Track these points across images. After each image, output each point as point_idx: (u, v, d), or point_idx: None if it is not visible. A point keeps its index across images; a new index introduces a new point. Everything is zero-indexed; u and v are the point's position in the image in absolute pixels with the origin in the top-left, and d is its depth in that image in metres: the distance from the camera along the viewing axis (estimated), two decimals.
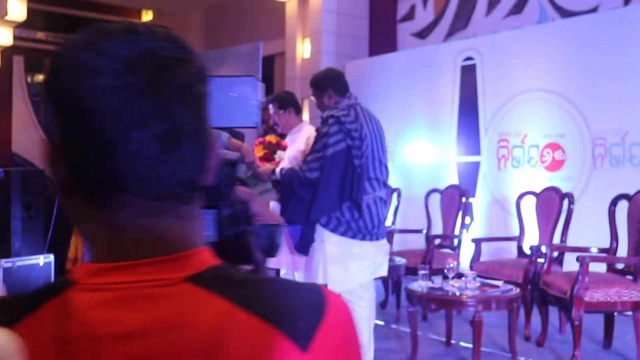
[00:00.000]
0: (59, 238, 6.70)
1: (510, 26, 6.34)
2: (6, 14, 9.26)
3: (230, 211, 0.95)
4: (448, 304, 3.79)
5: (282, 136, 4.66)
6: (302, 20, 8.20)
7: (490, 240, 5.49)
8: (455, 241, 5.30)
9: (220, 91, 1.06)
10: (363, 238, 3.26)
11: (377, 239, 3.30)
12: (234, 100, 1.08)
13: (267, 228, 0.97)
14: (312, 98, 3.69)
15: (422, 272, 4.02)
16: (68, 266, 6.78)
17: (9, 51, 10.45)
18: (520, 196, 5.14)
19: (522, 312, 4.43)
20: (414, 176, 6.56)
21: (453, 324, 4.29)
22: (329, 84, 3.50)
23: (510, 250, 5.31)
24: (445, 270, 3.98)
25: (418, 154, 6.59)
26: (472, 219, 6.05)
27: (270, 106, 4.39)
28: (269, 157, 4.28)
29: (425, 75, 6.65)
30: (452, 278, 3.96)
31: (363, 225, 3.26)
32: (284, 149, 4.33)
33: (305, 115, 8.11)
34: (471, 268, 4.73)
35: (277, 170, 4.14)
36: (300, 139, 4.32)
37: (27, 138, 11.14)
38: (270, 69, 9.74)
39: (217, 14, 11.03)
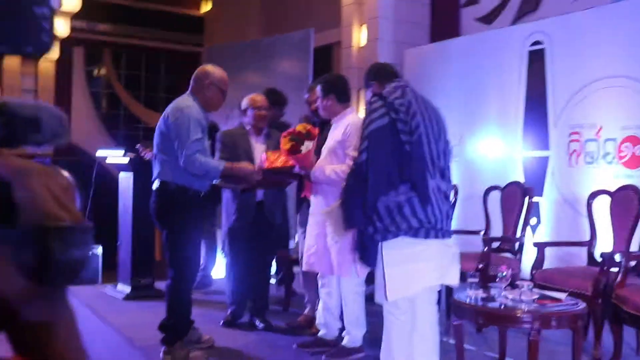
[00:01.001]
0: (106, 229, 6.41)
1: (583, 6, 5.67)
2: (61, 5, 9.16)
3: None
4: (498, 319, 3.24)
5: (324, 123, 4.22)
6: (359, 7, 7.73)
7: (555, 244, 4.87)
8: (517, 245, 4.72)
9: None
10: (427, 235, 2.82)
11: (443, 237, 2.86)
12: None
13: (41, 231, 0.53)
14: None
15: (471, 280, 3.48)
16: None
17: (68, 42, 10.38)
18: (593, 195, 4.52)
19: (591, 328, 3.84)
20: (475, 172, 5.97)
21: (511, 338, 3.74)
22: (372, 76, 3.34)
23: (580, 257, 4.68)
24: (497, 280, 3.43)
25: (480, 148, 6.00)
26: (538, 221, 5.44)
27: (317, 88, 4.02)
28: (296, 149, 3.83)
29: (489, 62, 6.05)
30: (506, 288, 3.42)
31: (425, 219, 2.81)
32: (313, 138, 3.88)
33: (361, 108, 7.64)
34: (532, 276, 4.16)
35: (329, 171, 3.72)
36: (339, 128, 3.88)
37: (86, 129, 11.08)
38: (328, 59, 9.32)
39: (276, 2, 10.68)
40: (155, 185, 3.76)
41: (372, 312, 3.89)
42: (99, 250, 7.78)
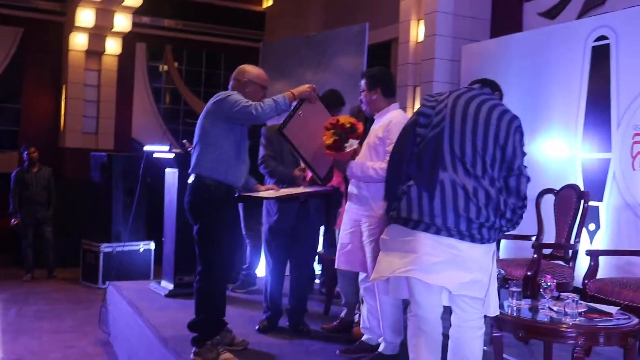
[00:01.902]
0: (160, 225, 6.44)
1: None
2: (123, 0, 9.29)
3: None
4: (539, 332, 3.01)
5: (368, 120, 4.06)
6: (418, 1, 7.52)
7: (610, 253, 4.57)
8: (570, 252, 4.44)
9: None
10: (415, 227, 2.70)
11: (439, 233, 2.67)
12: None
13: None
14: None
15: (513, 289, 3.28)
16: None
17: (131, 38, 10.56)
18: None
19: None
20: (532, 173, 5.68)
21: (558, 351, 3.51)
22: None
23: None
24: (542, 290, 3.21)
25: (538, 148, 5.72)
26: (597, 227, 5.13)
27: (362, 82, 3.83)
28: (338, 146, 3.67)
29: (551, 59, 5.75)
30: (551, 299, 3.19)
31: (417, 211, 2.71)
32: (358, 136, 3.71)
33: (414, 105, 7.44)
34: (584, 287, 3.90)
35: (367, 167, 3.58)
36: (381, 124, 3.71)
37: (147, 124, 11.25)
38: (386, 56, 9.17)
39: None
40: (191, 179, 3.74)
41: None
42: (151, 245, 7.89)
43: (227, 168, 3.68)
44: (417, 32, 7.51)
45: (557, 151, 5.57)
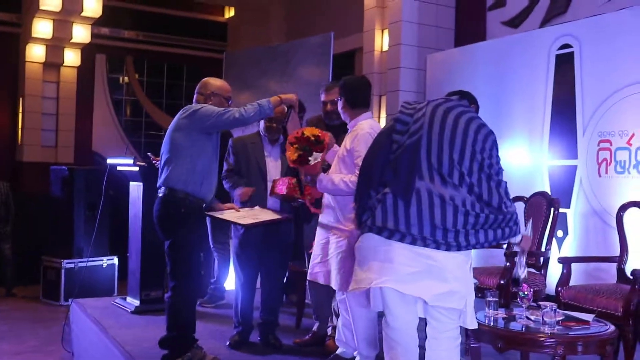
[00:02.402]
0: (123, 239, 6.29)
1: (615, 7, 5.38)
2: (82, 11, 9.08)
3: None
4: (518, 342, 2.98)
5: (339, 127, 4.00)
6: (382, 11, 7.53)
7: (582, 260, 4.58)
8: (542, 260, 4.44)
9: None
10: (390, 236, 2.65)
11: (414, 243, 2.62)
12: None
13: None
14: None
15: (490, 299, 3.24)
16: None
17: (91, 49, 10.35)
18: (624, 208, 4.23)
19: (622, 353, 3.56)
20: None
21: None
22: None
23: (610, 273, 4.39)
24: (518, 299, 3.18)
25: (505, 156, 5.72)
26: (565, 233, 5.16)
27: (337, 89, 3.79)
28: (303, 161, 3.59)
29: (515, 67, 5.79)
30: (528, 308, 3.17)
31: (393, 220, 2.64)
32: (323, 148, 3.64)
33: (381, 115, 7.44)
34: (557, 294, 3.89)
35: (337, 180, 3.51)
36: (351, 135, 3.65)
37: (108, 137, 11.03)
38: (350, 65, 9.17)
39: (297, 7, 10.54)
40: (161, 192, 3.69)
41: None
42: (115, 260, 7.70)
43: (201, 181, 3.66)
44: (382, 41, 7.53)
45: (523, 158, 5.60)
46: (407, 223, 2.60)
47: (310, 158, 3.57)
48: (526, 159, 5.58)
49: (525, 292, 3.16)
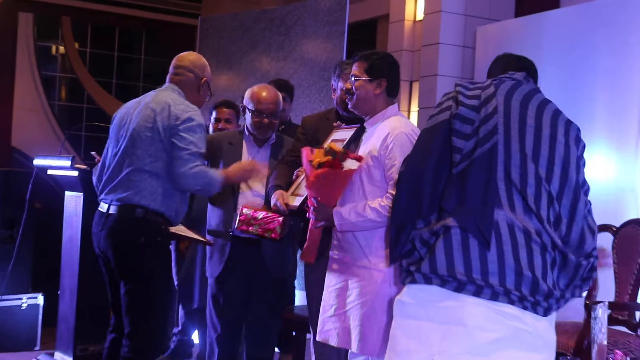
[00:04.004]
0: (52, 271, 6.26)
1: None
2: None
3: None
4: None
5: (353, 120, 3.99)
6: None
7: None
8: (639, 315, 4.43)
9: None
10: (460, 288, 2.56)
11: (495, 298, 2.54)
12: None
13: None
14: None
15: None
16: None
17: (11, 6, 10.36)
18: None
19: None
20: None
21: None
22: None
23: None
24: None
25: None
26: None
27: (356, 66, 3.74)
28: (334, 164, 3.55)
29: (599, 43, 5.76)
30: None
31: (462, 266, 2.55)
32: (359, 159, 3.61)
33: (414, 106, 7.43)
34: None
35: (365, 210, 3.48)
36: (377, 135, 3.62)
37: (34, 128, 10.98)
38: (371, 39, 9.18)
39: None
40: (114, 209, 3.81)
41: None
42: (38, 299, 7.62)
43: (181, 200, 3.89)
44: (416, 7, 7.54)
45: (609, 171, 5.55)
46: (483, 270, 2.52)
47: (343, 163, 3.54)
48: (613, 172, 5.53)
49: None
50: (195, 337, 5.70)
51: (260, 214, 4.02)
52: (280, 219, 3.99)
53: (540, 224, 2.55)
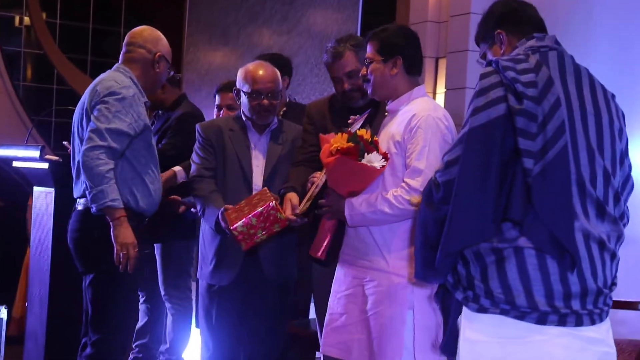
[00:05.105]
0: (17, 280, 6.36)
1: None
2: None
3: None
4: None
5: (371, 104, 4.06)
6: None
7: None
8: None
9: None
10: (543, 320, 2.56)
11: (579, 323, 2.57)
12: None
13: None
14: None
15: None
16: None
17: None
18: None
19: None
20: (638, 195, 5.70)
21: None
22: (495, 23, 3.07)
23: None
24: None
25: (637, 156, 5.74)
26: None
27: (369, 47, 3.79)
28: (352, 152, 3.54)
29: None
30: None
31: (544, 293, 2.55)
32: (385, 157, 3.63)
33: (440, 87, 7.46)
34: None
35: (378, 201, 3.50)
36: (400, 118, 3.65)
37: None
38: (390, 10, 9.19)
39: None
40: (84, 203, 3.98)
41: None
42: (1, 312, 7.70)
43: (155, 190, 4.02)
44: None
45: None
46: (566, 295, 2.54)
47: (362, 160, 3.53)
48: None
49: None
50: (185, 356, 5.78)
51: (253, 219, 3.92)
52: (272, 203, 3.93)
53: (610, 225, 2.62)
